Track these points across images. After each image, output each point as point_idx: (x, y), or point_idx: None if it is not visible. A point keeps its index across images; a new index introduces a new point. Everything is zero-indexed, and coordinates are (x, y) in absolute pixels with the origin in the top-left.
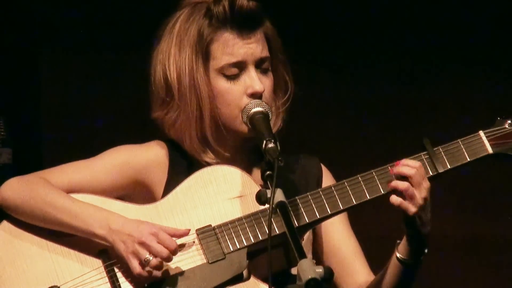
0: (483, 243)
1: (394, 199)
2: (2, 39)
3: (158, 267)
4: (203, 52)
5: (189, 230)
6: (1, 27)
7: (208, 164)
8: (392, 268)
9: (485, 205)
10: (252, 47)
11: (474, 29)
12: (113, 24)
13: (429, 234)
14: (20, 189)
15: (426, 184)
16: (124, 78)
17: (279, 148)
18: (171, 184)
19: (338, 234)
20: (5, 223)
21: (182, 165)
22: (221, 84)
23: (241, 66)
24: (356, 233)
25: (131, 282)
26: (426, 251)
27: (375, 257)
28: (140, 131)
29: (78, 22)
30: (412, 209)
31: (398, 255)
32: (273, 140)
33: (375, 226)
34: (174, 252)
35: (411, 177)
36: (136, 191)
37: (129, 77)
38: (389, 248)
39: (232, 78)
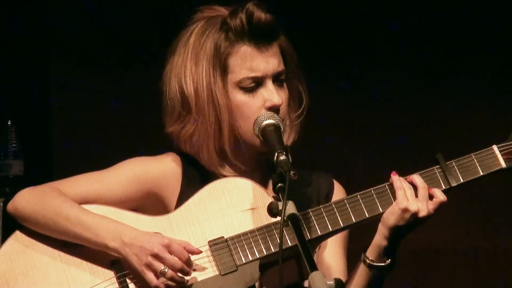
0: (485, 255)
1: (396, 180)
2: (13, 50)
3: (174, 278)
4: (221, 65)
5: (201, 251)
6: (13, 39)
7: (225, 177)
8: (360, 272)
9: (487, 217)
10: (270, 61)
11: (490, 42)
12: (124, 36)
13: (397, 247)
14: (33, 200)
15: (431, 207)
16: (135, 90)
17: (291, 160)
18: (184, 196)
19: (330, 250)
20: (17, 233)
21: (195, 177)
22: (239, 97)
23: (259, 80)
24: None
25: None
26: (389, 261)
27: None
28: (152, 143)
29: (89, 33)
30: (405, 202)
31: (366, 259)
32: (284, 153)
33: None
34: (187, 262)
35: (418, 189)
36: (149, 203)
37: (140, 88)
38: None
39: (249, 91)
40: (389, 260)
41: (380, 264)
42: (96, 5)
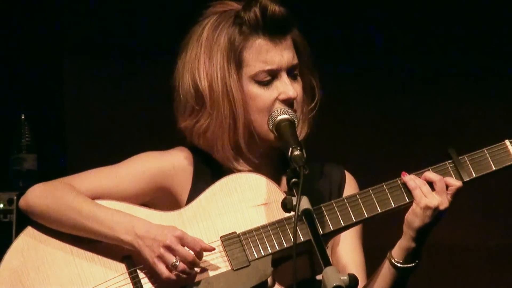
0: (498, 253)
1: (410, 180)
2: (27, 45)
3: (185, 271)
4: (235, 59)
5: (214, 248)
6: (26, 34)
7: (240, 172)
8: (385, 272)
9: (500, 213)
10: (284, 54)
11: (504, 37)
12: (137, 30)
13: (422, 246)
14: (45, 195)
15: (451, 194)
16: (148, 84)
17: (305, 155)
18: (195, 191)
19: (347, 244)
20: (29, 228)
21: (207, 171)
22: (254, 90)
23: (274, 73)
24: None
25: (155, 287)
26: (417, 261)
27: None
28: (164, 137)
29: (102, 27)
30: (425, 200)
31: (393, 260)
32: (299, 148)
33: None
34: (199, 255)
35: (435, 183)
36: (161, 198)
37: (152, 82)
38: None
39: (264, 84)
40: (417, 260)
41: (409, 265)
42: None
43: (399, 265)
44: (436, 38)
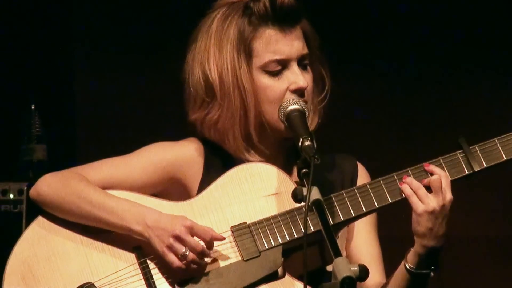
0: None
1: (405, 188)
2: (38, 35)
3: (195, 261)
4: (245, 50)
5: (224, 238)
6: (37, 24)
7: (247, 162)
8: (400, 276)
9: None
10: (294, 44)
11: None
12: (147, 22)
13: (440, 249)
14: (55, 185)
15: (448, 195)
16: (158, 74)
17: (315, 146)
18: (206, 181)
19: (362, 236)
20: (40, 218)
21: (217, 163)
22: (264, 81)
23: (284, 63)
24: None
25: (165, 278)
26: (433, 268)
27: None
28: (175, 128)
29: (112, 18)
30: (421, 206)
31: (406, 264)
32: (309, 138)
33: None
34: (209, 245)
35: (431, 184)
36: (171, 188)
37: (163, 72)
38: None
39: (274, 74)
40: (430, 268)
41: (421, 271)
42: None
43: (412, 270)
44: (446, 31)
